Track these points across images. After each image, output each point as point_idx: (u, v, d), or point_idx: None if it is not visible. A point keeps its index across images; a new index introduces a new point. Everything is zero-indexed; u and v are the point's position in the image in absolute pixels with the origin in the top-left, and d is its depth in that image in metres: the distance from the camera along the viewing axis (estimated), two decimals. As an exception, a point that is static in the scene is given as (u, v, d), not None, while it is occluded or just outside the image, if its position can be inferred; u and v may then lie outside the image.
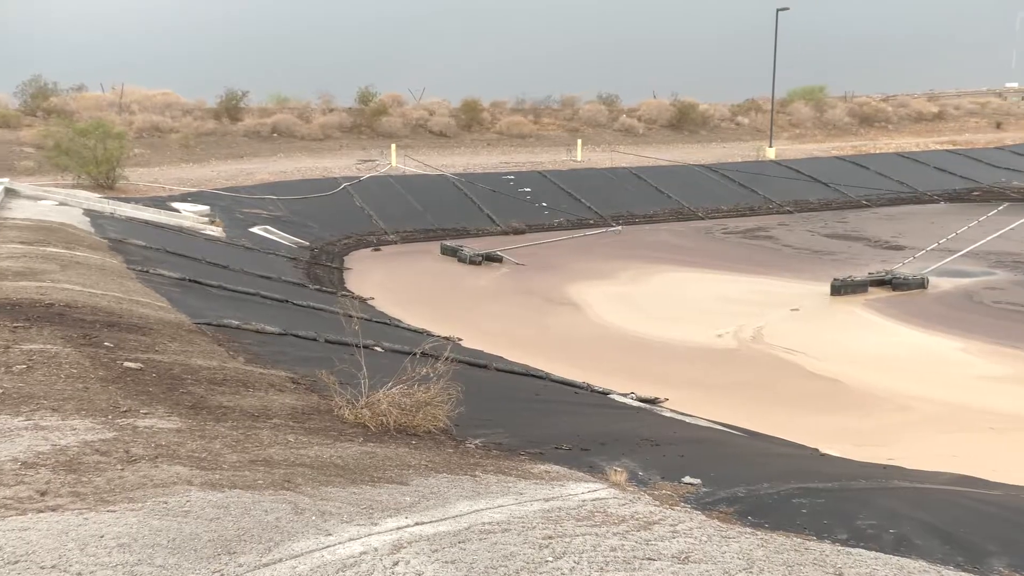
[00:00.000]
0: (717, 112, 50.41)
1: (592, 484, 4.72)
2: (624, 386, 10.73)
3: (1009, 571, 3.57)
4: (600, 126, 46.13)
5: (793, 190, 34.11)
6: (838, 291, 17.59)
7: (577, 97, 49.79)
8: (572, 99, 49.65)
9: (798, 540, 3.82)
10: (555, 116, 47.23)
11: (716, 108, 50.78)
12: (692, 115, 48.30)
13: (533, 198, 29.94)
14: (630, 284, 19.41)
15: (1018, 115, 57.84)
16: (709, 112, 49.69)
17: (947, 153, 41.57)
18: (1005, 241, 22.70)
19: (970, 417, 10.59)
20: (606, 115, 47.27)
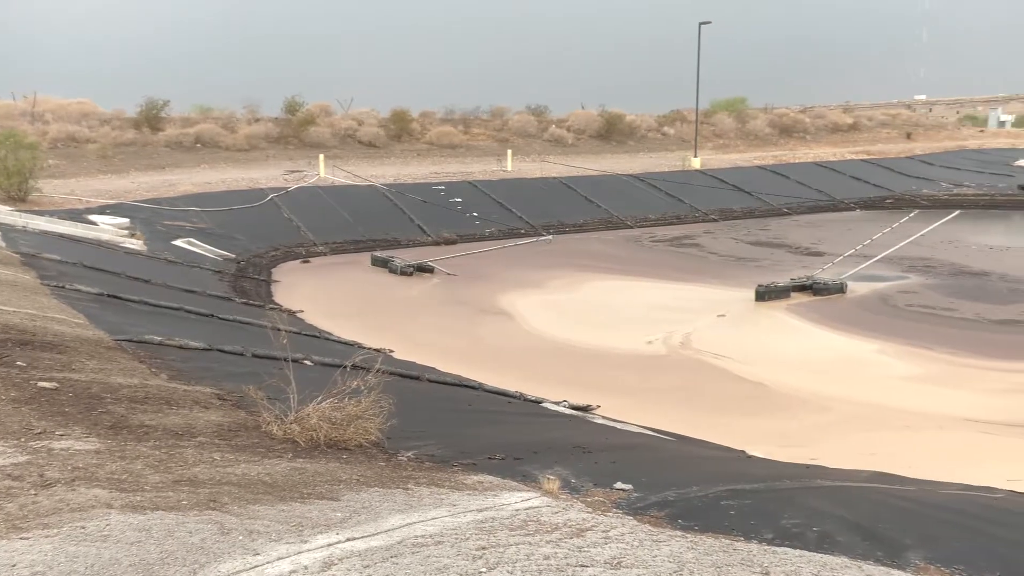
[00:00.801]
0: (644, 123, 51.37)
1: (525, 493, 4.73)
2: (557, 394, 10.80)
3: (925, 563, 3.72)
4: (530, 136, 46.49)
5: (718, 199, 34.97)
6: (762, 297, 18.09)
7: (506, 108, 50.13)
8: (501, 110, 49.94)
9: (727, 541, 3.90)
10: (485, 126, 47.40)
11: (643, 119, 51.76)
12: (620, 126, 49.11)
13: (464, 208, 29.94)
14: (561, 293, 19.57)
15: (926, 126, 60.63)
16: (636, 123, 50.60)
17: (862, 162, 43.26)
18: (916, 247, 23.73)
19: (887, 416, 11.00)
20: (535, 126, 47.67)
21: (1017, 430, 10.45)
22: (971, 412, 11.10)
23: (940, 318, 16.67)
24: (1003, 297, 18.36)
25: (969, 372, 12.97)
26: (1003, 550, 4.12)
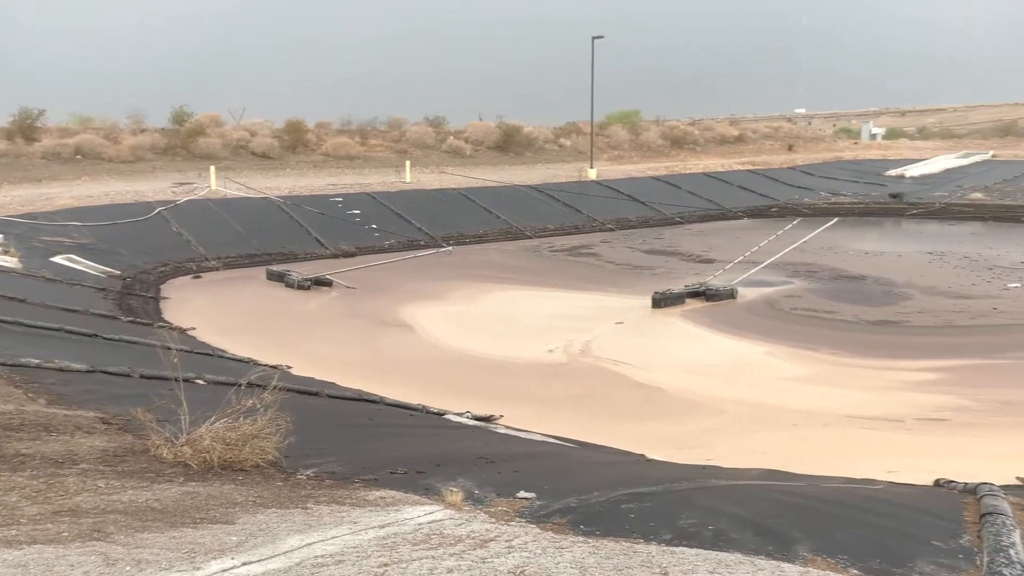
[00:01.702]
0: (541, 134, 52.10)
1: (428, 507, 4.69)
2: (460, 405, 10.77)
3: (812, 555, 3.89)
4: (428, 147, 46.39)
5: (614, 209, 35.78)
6: (658, 304, 18.59)
7: (404, 119, 49.93)
8: (399, 121, 49.69)
9: (627, 544, 3.98)
10: (382, 138, 47.02)
11: (540, 131, 52.50)
12: (517, 137, 49.64)
13: (363, 220, 29.56)
14: (462, 303, 19.56)
15: (806, 138, 63.88)
16: (533, 134, 51.27)
17: (748, 173, 45.19)
18: (800, 253, 24.92)
19: (777, 416, 11.47)
20: (433, 137, 47.63)
21: (894, 424, 11.09)
22: (853, 409, 11.72)
23: (823, 320, 17.54)
24: (878, 299, 19.50)
25: (850, 371, 13.69)
26: (883, 538, 4.35)
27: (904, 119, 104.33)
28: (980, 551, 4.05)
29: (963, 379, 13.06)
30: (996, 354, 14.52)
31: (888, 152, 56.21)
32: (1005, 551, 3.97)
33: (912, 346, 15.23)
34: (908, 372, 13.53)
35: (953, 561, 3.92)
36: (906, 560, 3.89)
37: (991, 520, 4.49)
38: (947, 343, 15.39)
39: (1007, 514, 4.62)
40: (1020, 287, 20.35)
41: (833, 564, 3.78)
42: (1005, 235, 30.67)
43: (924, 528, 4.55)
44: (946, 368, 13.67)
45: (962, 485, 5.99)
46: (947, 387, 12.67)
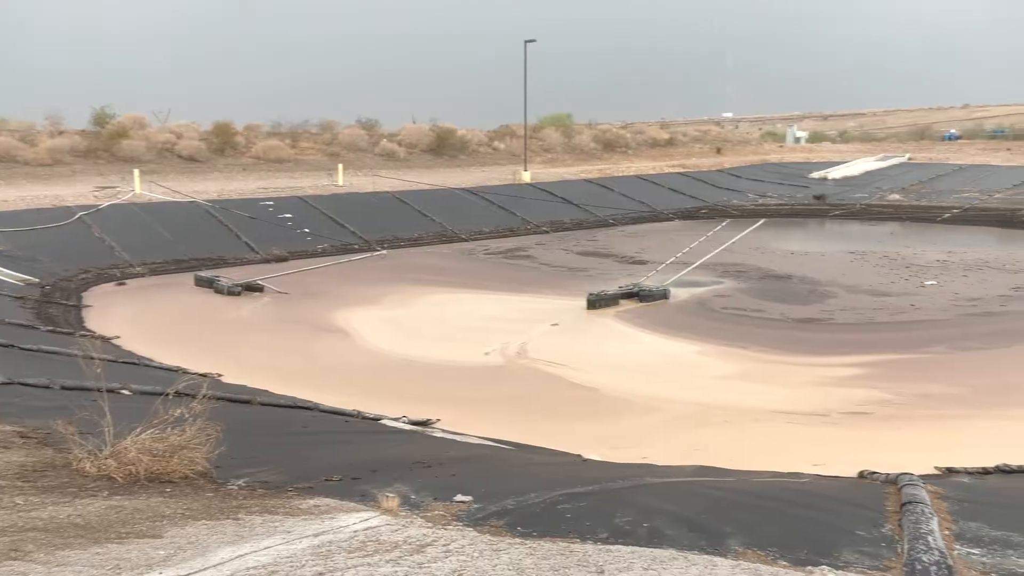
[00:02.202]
0: (475, 137, 52.14)
1: (364, 513, 4.64)
2: (396, 410, 10.69)
3: (743, 548, 3.98)
4: (361, 151, 45.94)
5: (548, 211, 36.03)
6: (593, 305, 18.78)
7: (336, 122, 49.34)
8: (331, 124, 49.09)
9: (564, 544, 4.01)
10: (314, 140, 46.36)
11: (474, 134, 52.53)
12: (451, 140, 49.57)
13: (295, 224, 29.09)
14: (398, 307, 19.41)
15: (734, 141, 65.46)
16: (468, 137, 51.27)
17: (678, 176, 46.06)
18: (729, 253, 25.49)
19: (709, 413, 11.71)
20: (366, 140, 47.20)
21: (819, 419, 11.44)
22: (781, 404, 12.05)
23: (752, 319, 17.99)
24: (804, 298, 20.10)
25: (778, 368, 14.07)
26: (810, 529, 4.49)
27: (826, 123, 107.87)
28: (901, 539, 4.21)
29: (884, 373, 13.55)
30: (914, 349, 15.11)
31: (811, 155, 58.01)
32: (924, 538, 4.13)
33: (836, 343, 15.74)
34: (833, 368, 13.97)
35: (876, 549, 4.07)
36: (832, 550, 4.01)
37: (911, 509, 4.67)
38: (869, 339, 15.95)
39: (926, 502, 4.82)
40: (935, 284, 21.24)
41: (763, 556, 3.88)
42: (921, 235, 31.97)
43: (849, 518, 4.71)
44: (868, 363, 14.16)
45: (884, 476, 6.22)
46: (869, 382, 13.14)
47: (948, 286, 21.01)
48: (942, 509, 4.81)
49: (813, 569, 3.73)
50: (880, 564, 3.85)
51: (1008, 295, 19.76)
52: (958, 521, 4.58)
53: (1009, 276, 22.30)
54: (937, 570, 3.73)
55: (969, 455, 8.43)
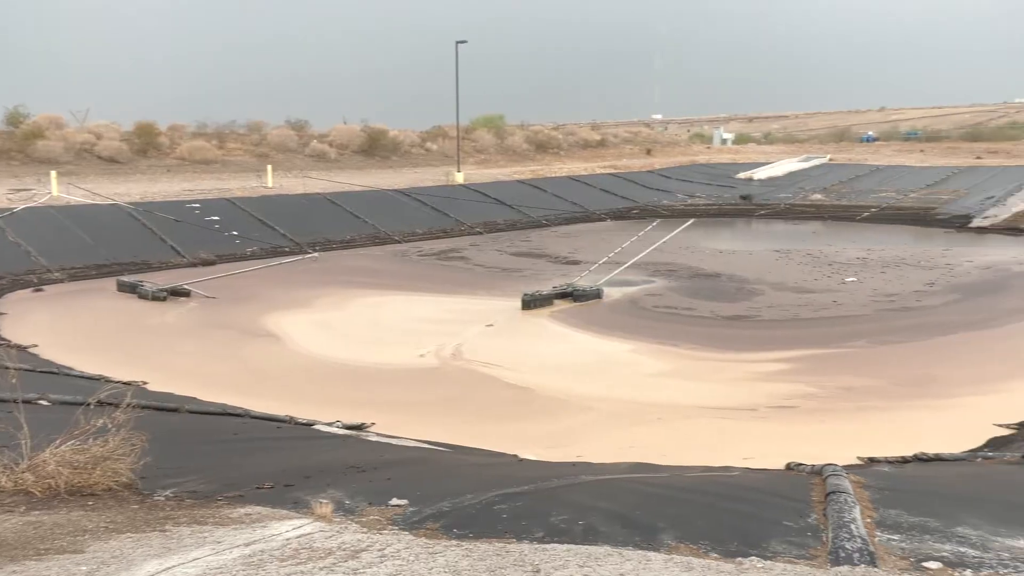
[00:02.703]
0: (407, 138, 51.82)
1: (297, 520, 4.56)
2: (330, 415, 10.54)
3: (676, 542, 4.06)
4: (290, 151, 45.17)
5: (482, 212, 36.06)
6: (528, 305, 18.87)
7: (264, 122, 48.42)
8: (259, 124, 48.16)
9: (500, 544, 4.01)
10: (242, 141, 45.38)
11: (406, 134, 52.22)
12: (383, 141, 49.17)
13: (222, 227, 28.42)
14: (331, 311, 19.15)
15: (663, 142, 66.63)
16: (399, 138, 50.92)
17: (610, 176, 46.66)
18: (660, 253, 25.93)
19: (642, 410, 11.89)
20: (296, 141, 46.44)
21: (748, 413, 11.73)
22: (711, 401, 12.31)
23: (682, 317, 18.33)
24: (732, 296, 20.59)
25: (709, 364, 14.38)
26: (740, 522, 4.59)
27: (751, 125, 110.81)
28: (826, 528, 4.35)
29: (809, 368, 13.98)
30: (837, 344, 15.63)
31: (738, 156, 59.50)
32: (847, 527, 4.28)
33: (763, 339, 16.17)
34: (760, 363, 14.35)
35: (802, 539, 4.19)
36: (760, 541, 4.12)
37: (835, 498, 4.83)
38: (794, 335, 16.43)
39: (849, 492, 4.98)
40: (856, 281, 22.01)
41: (695, 550, 3.96)
42: (842, 233, 33.10)
43: (777, 510, 4.84)
44: (794, 359, 14.59)
45: (810, 467, 6.41)
46: (795, 376, 13.54)
47: (868, 283, 21.80)
48: (864, 498, 4.98)
49: (743, 560, 3.82)
50: (806, 553, 3.97)
51: (923, 291, 20.61)
52: (879, 509, 4.75)
53: (924, 272, 23.26)
54: (860, 557, 3.86)
55: (889, 445, 8.76)
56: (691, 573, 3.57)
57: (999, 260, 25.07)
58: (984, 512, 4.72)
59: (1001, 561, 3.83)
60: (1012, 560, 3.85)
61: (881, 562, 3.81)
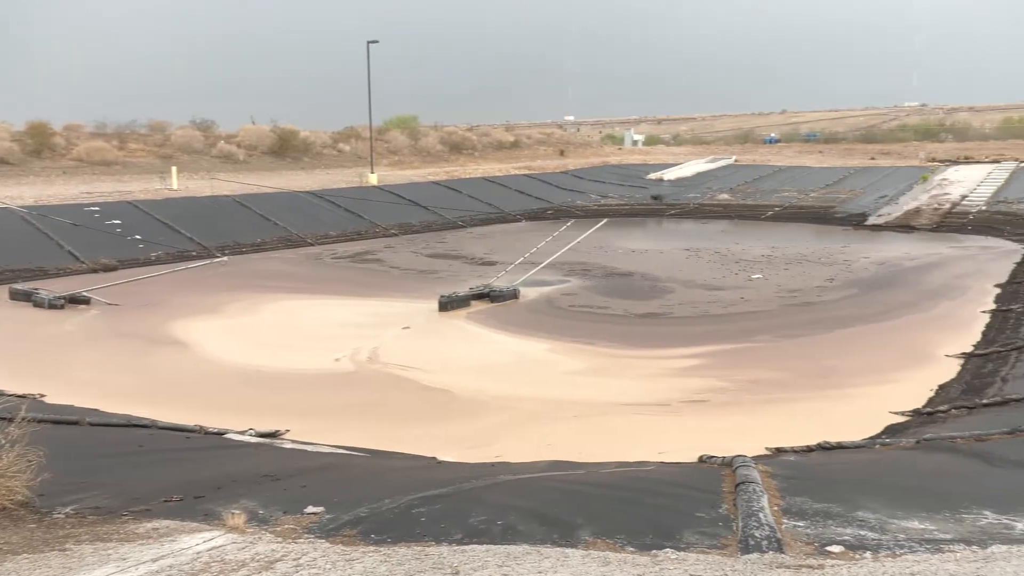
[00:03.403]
0: (319, 139, 50.92)
1: (208, 533, 4.42)
2: (242, 423, 10.27)
3: (593, 538, 4.12)
4: (196, 152, 43.75)
5: (396, 214, 35.77)
6: (445, 307, 18.80)
7: (168, 122, 46.74)
8: (162, 124, 46.47)
9: (419, 548, 3.99)
10: (144, 142, 43.70)
11: (317, 135, 51.30)
12: (294, 142, 48.17)
13: (124, 231, 27.31)
14: (242, 316, 18.64)
15: (576, 144, 67.50)
16: (311, 139, 49.99)
17: (524, 177, 46.97)
18: (575, 253, 26.26)
19: (560, 409, 12.01)
20: (202, 141, 45.01)
21: (663, 408, 12.00)
22: (627, 397, 12.54)
23: (597, 315, 18.61)
24: (645, 294, 21.02)
25: (623, 362, 14.64)
26: (655, 515, 4.70)
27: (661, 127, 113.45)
28: (736, 517, 4.49)
29: (719, 363, 14.40)
30: (744, 339, 16.14)
31: (648, 157, 60.80)
32: (756, 515, 4.43)
33: (675, 335, 16.57)
34: (673, 359, 14.70)
35: (714, 529, 4.32)
36: (675, 533, 4.23)
37: (744, 488, 5.00)
38: (704, 331, 16.90)
39: (757, 482, 5.16)
40: (761, 278, 22.80)
41: (612, 544, 4.03)
42: (748, 232, 34.24)
43: (690, 502, 4.97)
44: (704, 354, 15.00)
45: (721, 459, 6.62)
46: (706, 371, 13.92)
47: (772, 279, 22.61)
48: (772, 487, 5.17)
49: (658, 553, 3.91)
50: (718, 543, 4.09)
51: (824, 286, 21.51)
52: (785, 497, 4.94)
53: (824, 268, 24.28)
54: (768, 544, 4.01)
55: (795, 435, 9.10)
56: (608, 567, 3.63)
57: (892, 256, 26.40)
58: (882, 496, 4.96)
59: (898, 542, 4.04)
60: (907, 540, 4.06)
61: (788, 548, 3.97)
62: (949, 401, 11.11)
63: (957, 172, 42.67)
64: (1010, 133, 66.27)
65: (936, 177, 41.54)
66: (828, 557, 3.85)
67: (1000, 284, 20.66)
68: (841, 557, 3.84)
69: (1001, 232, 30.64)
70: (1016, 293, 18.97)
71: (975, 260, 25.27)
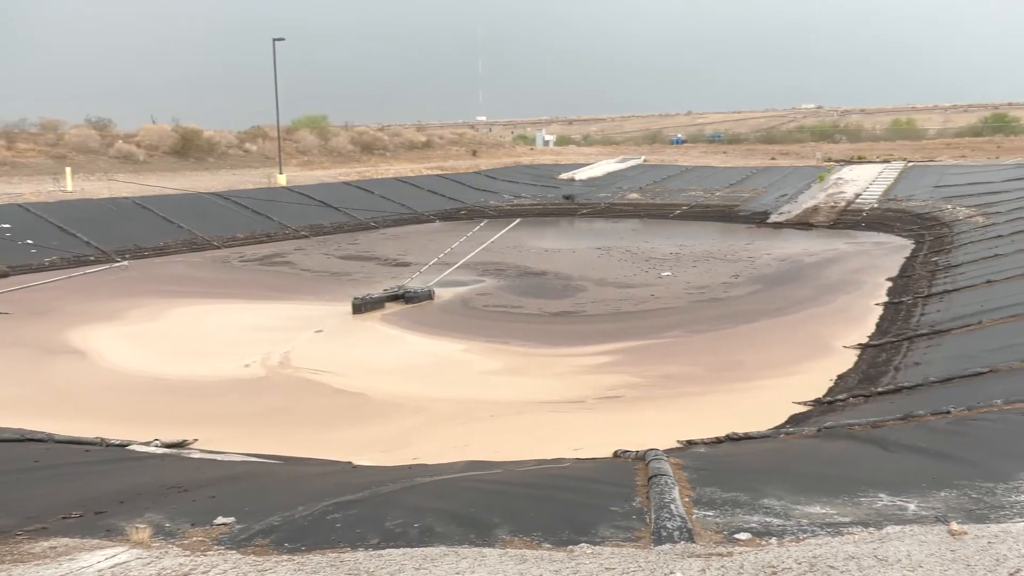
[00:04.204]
0: (224, 139, 49.46)
1: (111, 549, 4.24)
2: (147, 434, 9.89)
3: (510, 536, 4.14)
4: (93, 153, 41.84)
5: (307, 215, 35.09)
6: (359, 309, 18.56)
7: (61, 121, 44.53)
8: (55, 123, 44.26)
9: (334, 555, 3.93)
10: (34, 141, 41.51)
11: (222, 135, 49.82)
12: (197, 142, 46.65)
13: (15, 235, 25.89)
14: (145, 322, 17.94)
15: (488, 144, 67.68)
16: (216, 139, 48.51)
17: (437, 177, 46.80)
18: (488, 253, 26.36)
19: (476, 409, 12.03)
20: (99, 141, 43.07)
21: (577, 405, 12.17)
22: (542, 395, 12.67)
23: (512, 315, 18.72)
24: (558, 293, 21.27)
25: (538, 360, 14.77)
26: (570, 511, 4.76)
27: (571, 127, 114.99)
28: (649, 510, 4.60)
29: (631, 359, 14.70)
30: (655, 335, 16.53)
31: (560, 157, 61.47)
32: (668, 507, 4.54)
33: (588, 333, 16.82)
34: (587, 357, 14.92)
35: (628, 522, 4.40)
36: (590, 528, 4.29)
37: (656, 481, 5.12)
38: (616, 328, 17.21)
39: (669, 474, 5.30)
40: (671, 275, 23.39)
41: (528, 542, 4.06)
42: (657, 230, 35.06)
43: (605, 496, 5.06)
44: (617, 350, 15.29)
45: (634, 453, 6.75)
46: (619, 367, 14.19)
47: (681, 276, 23.22)
48: (683, 479, 5.31)
49: (574, 548, 3.96)
50: (632, 536, 4.18)
51: (730, 282, 22.23)
52: (696, 488, 5.08)
53: (730, 265, 25.09)
54: (680, 534, 4.12)
55: (706, 427, 9.38)
56: (525, 565, 3.66)
57: (793, 252, 27.50)
58: (786, 484, 5.17)
59: (801, 527, 4.21)
60: (810, 525, 4.24)
61: (699, 537, 4.08)
62: (847, 390, 11.65)
63: (851, 172, 44.74)
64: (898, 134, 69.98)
65: (832, 176, 43.46)
66: (736, 544, 3.98)
67: (891, 278, 21.79)
68: (748, 544, 3.98)
69: (892, 228, 32.30)
70: (906, 286, 20.04)
71: (869, 255, 26.57)
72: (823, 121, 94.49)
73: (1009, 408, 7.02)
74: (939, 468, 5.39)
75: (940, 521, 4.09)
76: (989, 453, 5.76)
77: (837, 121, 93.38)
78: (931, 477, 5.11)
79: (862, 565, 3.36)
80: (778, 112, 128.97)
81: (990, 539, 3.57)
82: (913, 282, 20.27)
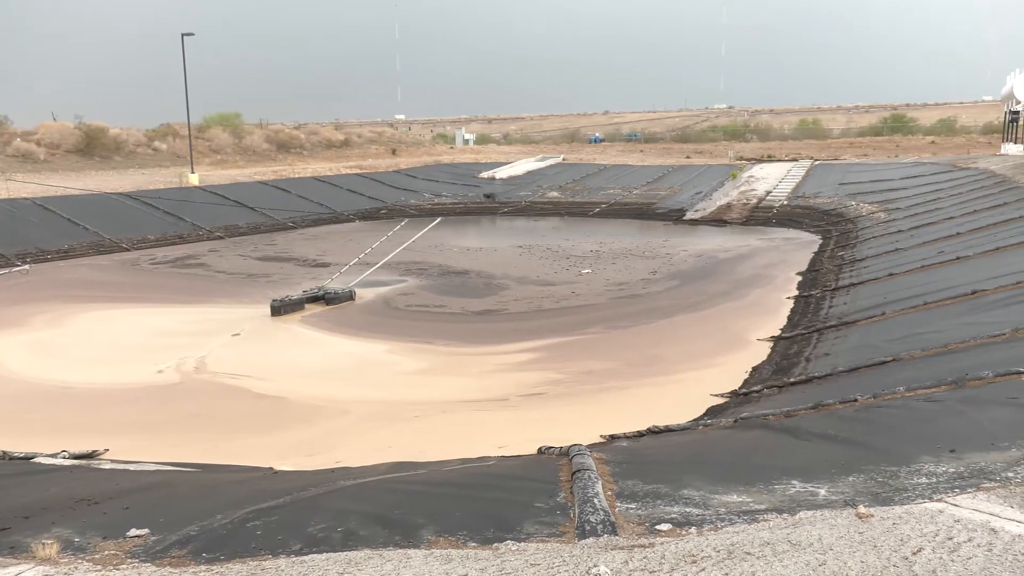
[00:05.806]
0: (132, 137, 47.67)
1: (15, 568, 4.04)
2: (54, 445, 9.45)
3: (435, 536, 4.13)
4: (-12, 151, 39.72)
5: (221, 215, 34.16)
6: (278, 311, 18.17)
7: (-48, 117, 42.10)
8: (-55, 120, 41.78)
9: (255, 563, 3.84)
10: (-77, 139, 39.14)
11: (130, 133, 48.01)
12: (103, 140, 44.83)
13: (-98, 239, 24.35)
14: (48, 329, 17.14)
15: (408, 143, 67.21)
16: (123, 137, 46.71)
17: (356, 177, 46.22)
18: (410, 252, 26.17)
19: (400, 409, 11.94)
20: (-5, 139, 40.90)
21: (501, 403, 12.21)
22: (466, 394, 12.66)
23: (435, 314, 18.64)
24: (480, 291, 21.29)
25: (462, 359, 14.76)
26: (495, 509, 4.78)
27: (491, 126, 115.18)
28: (573, 504, 4.66)
29: (554, 356, 14.84)
30: (577, 331, 16.73)
31: (480, 156, 61.51)
32: (591, 501, 4.61)
33: (511, 331, 16.90)
34: (510, 355, 14.99)
35: (552, 518, 4.45)
36: (515, 525, 4.32)
37: (580, 476, 5.18)
38: (539, 326, 17.34)
39: (592, 469, 5.37)
40: (591, 272, 23.70)
41: (454, 541, 4.06)
42: (577, 228, 35.47)
43: (529, 493, 5.10)
44: (539, 348, 15.40)
45: (558, 449, 6.82)
46: (542, 364, 14.30)
47: (601, 273, 23.55)
48: (606, 473, 5.40)
49: (499, 546, 3.98)
50: (556, 531, 4.22)
51: (648, 278, 22.67)
52: (618, 481, 5.17)
53: (648, 262, 25.59)
54: (603, 528, 4.18)
55: (628, 421, 9.55)
56: (450, 565, 3.66)
57: (708, 249, 28.24)
58: (705, 474, 5.31)
59: (719, 516, 4.34)
60: (728, 513, 4.37)
61: (621, 530, 4.16)
62: (762, 382, 12.04)
63: (762, 170, 46.22)
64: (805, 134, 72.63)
65: (744, 175, 44.81)
66: (658, 536, 4.07)
67: (801, 272, 22.62)
68: (669, 535, 4.08)
69: (801, 224, 33.52)
70: (815, 280, 20.84)
71: (780, 251, 27.51)
72: (735, 121, 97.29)
73: (911, 395, 7.38)
74: (847, 454, 5.63)
75: (849, 505, 4.27)
76: (892, 438, 6.04)
77: (748, 121, 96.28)
78: (840, 463, 5.34)
79: (776, 550, 3.49)
80: (692, 112, 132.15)
81: (895, 520, 3.75)
82: (821, 276, 21.09)
